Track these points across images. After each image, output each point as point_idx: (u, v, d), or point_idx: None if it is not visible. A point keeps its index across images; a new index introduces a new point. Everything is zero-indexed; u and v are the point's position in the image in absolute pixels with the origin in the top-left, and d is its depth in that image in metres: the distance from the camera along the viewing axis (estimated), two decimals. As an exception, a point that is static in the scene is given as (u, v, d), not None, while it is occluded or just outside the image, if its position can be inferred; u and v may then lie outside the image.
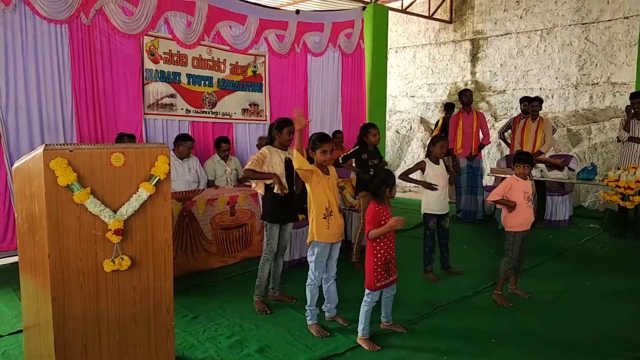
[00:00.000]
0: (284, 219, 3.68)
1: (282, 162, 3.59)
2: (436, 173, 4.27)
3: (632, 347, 3.08)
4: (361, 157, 4.61)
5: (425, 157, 4.40)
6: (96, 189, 2.30)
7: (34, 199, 2.30)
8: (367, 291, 3.10)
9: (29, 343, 2.67)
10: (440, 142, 4.29)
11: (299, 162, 3.08)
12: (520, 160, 3.80)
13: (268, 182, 3.57)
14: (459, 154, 6.54)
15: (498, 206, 3.90)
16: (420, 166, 4.32)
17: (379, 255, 3.03)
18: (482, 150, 6.74)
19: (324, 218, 3.18)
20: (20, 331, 3.09)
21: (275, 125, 3.65)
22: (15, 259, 4.44)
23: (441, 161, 4.35)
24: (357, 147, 4.67)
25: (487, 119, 7.32)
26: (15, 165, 2.54)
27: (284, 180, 3.58)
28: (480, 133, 6.60)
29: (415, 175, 4.42)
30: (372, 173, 3.19)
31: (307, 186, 3.21)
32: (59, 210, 2.22)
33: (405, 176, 4.35)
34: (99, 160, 2.30)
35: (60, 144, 2.27)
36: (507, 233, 3.82)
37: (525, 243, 3.86)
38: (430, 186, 4.22)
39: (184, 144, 5.29)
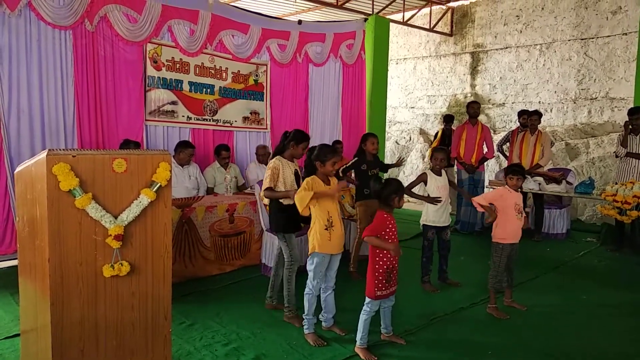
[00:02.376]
0: (296, 227, 3.64)
1: (292, 174, 3.59)
2: (438, 185, 4.29)
3: (628, 362, 3.09)
4: (360, 168, 4.63)
5: (428, 169, 4.43)
6: (97, 194, 2.31)
7: (35, 204, 2.31)
8: (367, 300, 3.10)
9: (26, 347, 2.66)
10: (436, 154, 4.33)
11: (303, 201, 3.13)
12: (514, 172, 3.83)
13: (286, 201, 3.54)
14: (462, 162, 6.59)
15: (479, 208, 3.88)
16: (422, 178, 4.33)
17: (380, 263, 3.04)
18: (484, 163, 6.77)
19: (326, 229, 3.20)
20: (18, 335, 3.09)
21: (293, 136, 3.59)
22: (13, 262, 4.44)
23: (443, 172, 4.38)
24: (356, 158, 4.70)
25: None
26: (18, 169, 2.55)
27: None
28: (485, 146, 6.64)
29: (417, 188, 4.43)
30: (383, 182, 3.18)
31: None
32: (60, 215, 2.22)
33: (408, 190, 4.36)
34: (101, 166, 2.31)
35: (63, 149, 2.29)
36: (494, 245, 3.83)
37: (514, 256, 3.86)
38: (433, 200, 4.23)
39: (184, 151, 5.32)
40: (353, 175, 4.83)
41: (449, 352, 3.17)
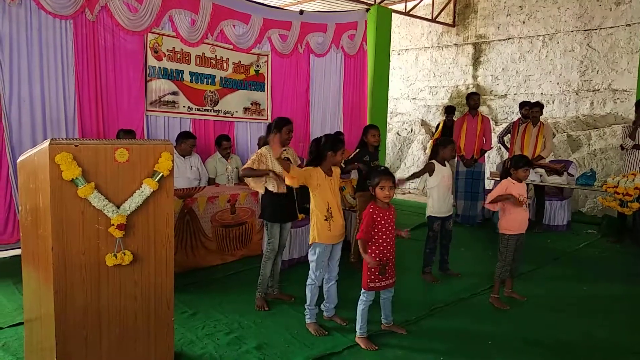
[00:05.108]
0: (284, 218, 3.70)
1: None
2: (444, 175, 4.32)
3: (628, 352, 3.11)
4: (363, 159, 4.62)
5: (433, 159, 4.44)
6: (100, 184, 2.32)
7: (38, 193, 2.32)
8: (362, 290, 3.13)
9: (30, 335, 2.69)
10: (450, 145, 4.36)
11: (298, 178, 3.19)
12: (527, 163, 3.81)
13: (265, 183, 3.60)
14: (461, 155, 6.58)
15: (495, 208, 3.90)
16: (430, 167, 4.35)
17: (372, 255, 3.05)
18: (483, 155, 6.76)
19: (326, 220, 3.21)
20: (21, 323, 3.11)
21: (274, 124, 3.67)
22: (16, 252, 4.46)
23: (447, 162, 4.40)
24: (358, 149, 4.70)
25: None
26: (20, 159, 2.56)
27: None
28: (483, 138, 6.63)
29: (417, 180, 4.45)
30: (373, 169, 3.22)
31: (309, 189, 3.24)
32: (63, 204, 2.24)
33: (413, 177, 4.41)
34: (103, 156, 2.33)
35: (65, 139, 2.29)
36: (501, 236, 3.86)
37: (520, 247, 3.88)
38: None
39: (186, 142, 5.32)
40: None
41: (449, 342, 3.19)
